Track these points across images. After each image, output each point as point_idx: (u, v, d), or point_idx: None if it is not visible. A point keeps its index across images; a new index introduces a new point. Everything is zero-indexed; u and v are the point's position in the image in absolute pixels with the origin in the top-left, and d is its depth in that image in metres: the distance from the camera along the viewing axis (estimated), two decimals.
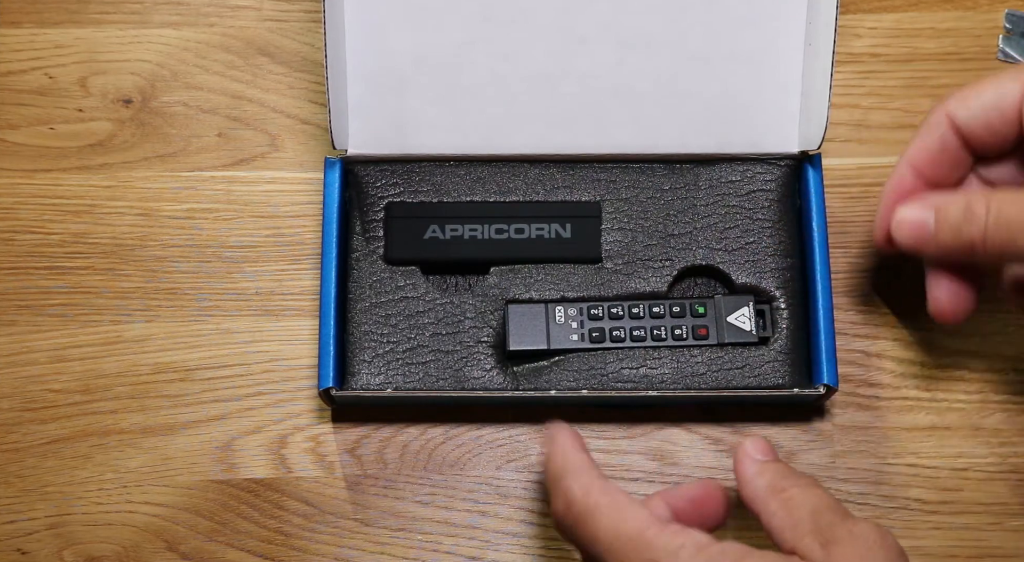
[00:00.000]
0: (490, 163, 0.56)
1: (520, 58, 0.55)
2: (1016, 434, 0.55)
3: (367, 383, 0.53)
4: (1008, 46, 0.61)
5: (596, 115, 0.56)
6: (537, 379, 0.53)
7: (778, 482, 0.45)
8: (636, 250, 0.55)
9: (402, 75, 0.55)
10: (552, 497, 0.46)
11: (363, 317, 0.54)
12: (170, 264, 0.57)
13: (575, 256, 0.55)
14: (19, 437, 0.55)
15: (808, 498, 0.44)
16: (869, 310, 0.57)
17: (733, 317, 0.54)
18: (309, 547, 0.53)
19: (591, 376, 0.53)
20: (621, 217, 0.56)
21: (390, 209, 0.55)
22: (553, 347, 0.53)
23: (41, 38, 0.61)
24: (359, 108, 0.55)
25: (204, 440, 0.55)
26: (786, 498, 0.44)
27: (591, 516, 0.44)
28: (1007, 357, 0.56)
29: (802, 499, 0.44)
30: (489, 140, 0.56)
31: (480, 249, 0.55)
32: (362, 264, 0.55)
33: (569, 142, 0.56)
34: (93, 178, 0.59)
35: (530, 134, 0.56)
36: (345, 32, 0.55)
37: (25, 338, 0.56)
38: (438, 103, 0.53)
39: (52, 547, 0.53)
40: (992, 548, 0.53)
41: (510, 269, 0.55)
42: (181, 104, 0.60)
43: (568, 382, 0.53)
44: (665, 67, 0.55)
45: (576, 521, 0.44)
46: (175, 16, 0.61)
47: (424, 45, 0.55)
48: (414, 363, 0.53)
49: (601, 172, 0.56)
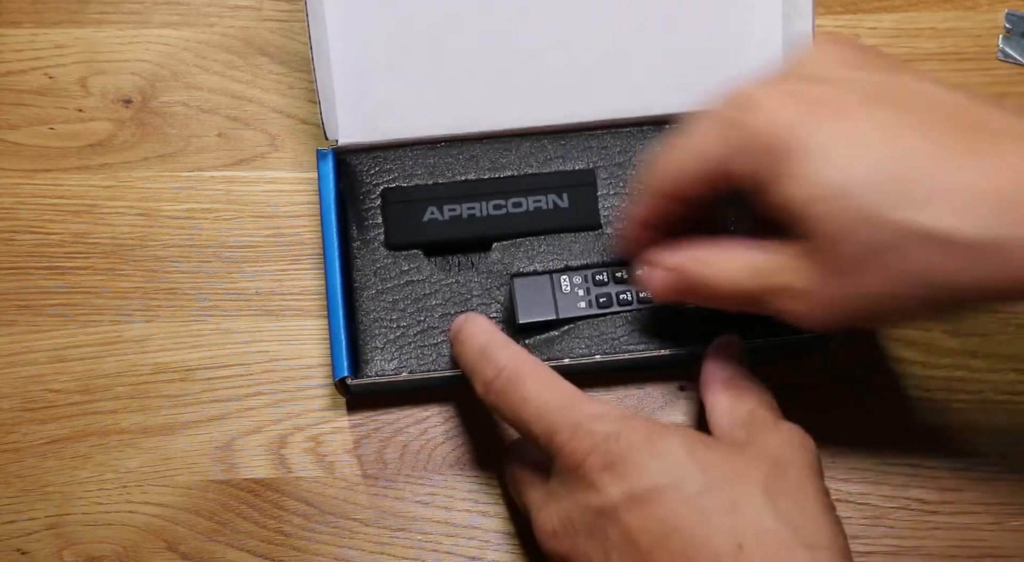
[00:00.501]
0: (481, 141, 0.57)
1: (502, 32, 0.55)
2: (1016, 434, 0.55)
3: (382, 369, 0.53)
4: (1008, 46, 0.61)
5: (582, 83, 0.56)
6: (549, 349, 0.53)
7: (738, 378, 0.49)
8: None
9: (386, 61, 0.56)
10: (478, 368, 0.47)
11: (371, 304, 0.54)
12: (170, 264, 0.57)
13: (574, 225, 0.55)
14: (19, 437, 0.55)
15: (757, 396, 0.48)
16: None
17: None
18: (309, 547, 0.53)
19: (602, 341, 0.53)
20: (616, 182, 0.56)
21: (387, 195, 0.56)
22: (562, 316, 0.53)
23: (41, 38, 0.61)
24: (347, 98, 0.56)
25: (204, 440, 0.55)
26: (737, 393, 0.48)
27: (521, 381, 0.46)
28: (1007, 357, 0.56)
29: (750, 395, 0.48)
30: (478, 118, 0.56)
31: (480, 226, 0.55)
32: (364, 252, 0.55)
33: (558, 112, 0.57)
34: (93, 178, 0.59)
35: (519, 108, 0.56)
36: (326, 23, 0.55)
37: (25, 338, 0.56)
38: (425, 86, 0.53)
39: (52, 547, 0.53)
40: (992, 548, 0.53)
41: (512, 243, 0.55)
42: (181, 104, 0.60)
43: (580, 349, 0.53)
44: (648, 29, 0.56)
45: (505, 386, 0.46)
46: (175, 16, 0.61)
47: (406, 28, 0.55)
48: (426, 345, 0.54)
49: (592, 140, 0.57)
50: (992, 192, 0.40)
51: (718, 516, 0.42)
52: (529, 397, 0.46)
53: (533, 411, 0.46)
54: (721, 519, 0.42)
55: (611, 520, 0.43)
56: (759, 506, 0.42)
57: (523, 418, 0.46)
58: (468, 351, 0.48)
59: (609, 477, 0.43)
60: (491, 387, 0.47)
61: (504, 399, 0.46)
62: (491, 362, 0.47)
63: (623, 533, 0.43)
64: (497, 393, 0.47)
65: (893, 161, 0.41)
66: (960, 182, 0.40)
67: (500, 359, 0.47)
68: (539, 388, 0.46)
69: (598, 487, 0.43)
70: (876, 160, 0.41)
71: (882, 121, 0.42)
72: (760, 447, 0.45)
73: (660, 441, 0.44)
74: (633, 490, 0.43)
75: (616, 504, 0.43)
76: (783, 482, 0.43)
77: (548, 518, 0.46)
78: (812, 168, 0.42)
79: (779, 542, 0.42)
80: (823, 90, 0.43)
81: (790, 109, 0.43)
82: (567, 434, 0.44)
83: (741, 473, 0.43)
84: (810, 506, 0.43)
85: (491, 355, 0.47)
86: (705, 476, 0.43)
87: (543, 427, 0.45)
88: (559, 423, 0.45)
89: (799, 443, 0.46)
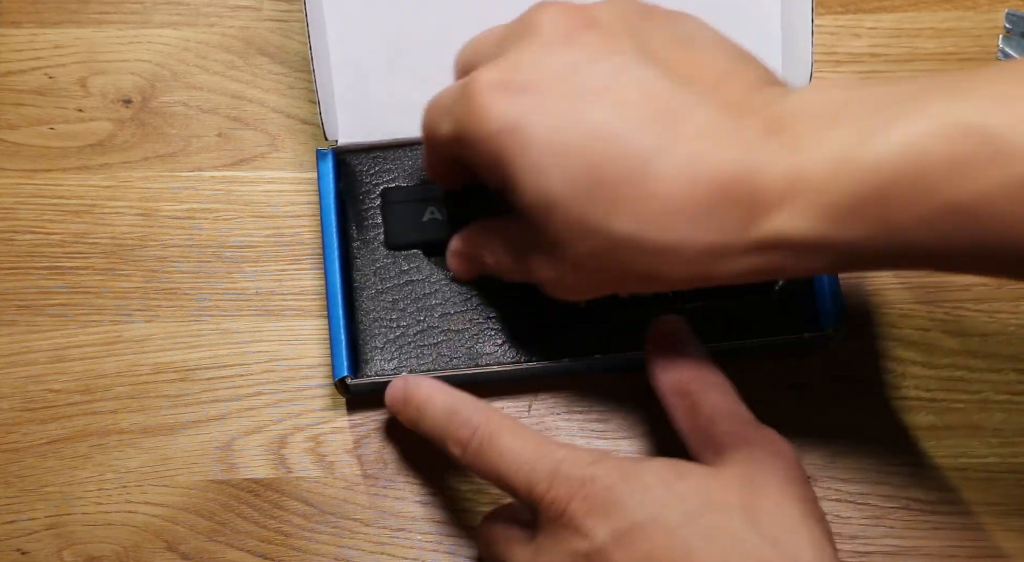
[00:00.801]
0: None
1: None
2: (1016, 434, 0.55)
3: (381, 369, 0.53)
4: (1008, 46, 0.61)
5: None
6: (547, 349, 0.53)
7: (685, 382, 0.47)
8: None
9: (386, 61, 0.56)
10: (451, 432, 0.47)
11: (370, 304, 0.54)
12: (170, 264, 0.57)
13: None
14: (19, 437, 0.55)
15: (711, 404, 0.46)
16: (868, 310, 0.57)
17: None
18: (309, 547, 0.53)
19: (599, 338, 0.53)
20: None
21: (386, 195, 0.55)
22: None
23: (41, 38, 0.61)
24: (346, 97, 0.56)
25: (204, 440, 0.55)
26: (690, 403, 0.47)
27: (496, 437, 0.46)
28: (1007, 357, 0.56)
29: (704, 404, 0.46)
30: None
31: None
32: (363, 252, 0.55)
33: None
34: (93, 178, 0.59)
35: None
36: (326, 23, 0.55)
37: (25, 338, 0.56)
38: (425, 85, 0.53)
39: (52, 547, 0.53)
40: (992, 548, 0.53)
41: None
42: (181, 104, 0.60)
43: (579, 348, 0.53)
44: None
45: (481, 444, 0.46)
46: (175, 16, 0.61)
47: (406, 28, 0.55)
48: (426, 345, 0.54)
49: None
50: (667, 195, 0.41)
51: (701, 545, 0.42)
52: (504, 452, 0.45)
53: (510, 465, 0.45)
54: (705, 548, 0.42)
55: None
56: (740, 531, 0.42)
57: (502, 473, 0.45)
58: (432, 416, 0.48)
59: (593, 521, 0.43)
60: (468, 448, 0.46)
61: (481, 458, 0.46)
62: (464, 424, 0.47)
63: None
64: (475, 453, 0.46)
65: (591, 169, 0.42)
66: (648, 189, 0.41)
67: (472, 418, 0.47)
68: (512, 441, 0.46)
69: (583, 531, 0.43)
70: (578, 165, 0.42)
71: (587, 114, 0.42)
72: (734, 466, 0.44)
73: (635, 478, 0.44)
74: (617, 528, 0.43)
75: (603, 546, 0.43)
76: (762, 501, 0.43)
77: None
78: (524, 180, 0.43)
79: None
80: (535, 73, 0.43)
81: (504, 106, 0.43)
82: (545, 484, 0.44)
83: (718, 500, 0.43)
84: (792, 521, 0.43)
85: (462, 416, 0.47)
86: (683, 506, 0.43)
87: (521, 480, 0.45)
88: (536, 473, 0.45)
89: (773, 452, 0.45)
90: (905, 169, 0.38)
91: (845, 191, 0.39)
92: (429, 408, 0.48)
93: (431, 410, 0.48)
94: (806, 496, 0.44)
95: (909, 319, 0.56)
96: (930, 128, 0.38)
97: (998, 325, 0.56)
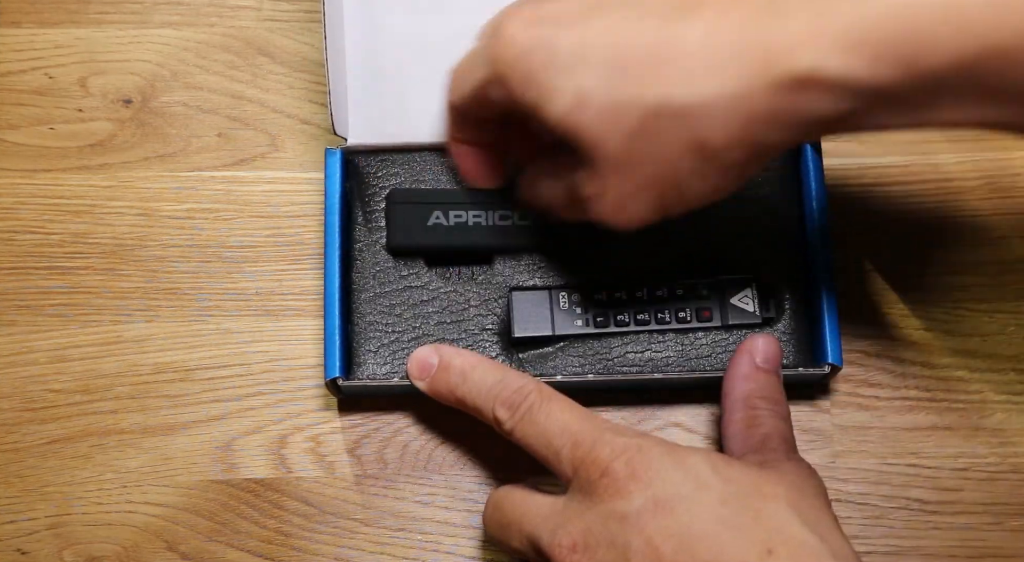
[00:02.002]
0: None
1: None
2: (1016, 434, 0.55)
3: (373, 373, 0.53)
4: None
5: None
6: (543, 365, 0.53)
7: (757, 397, 0.49)
8: (639, 234, 0.55)
9: (400, 64, 0.56)
10: (501, 395, 0.48)
11: (368, 307, 0.54)
12: (170, 264, 0.57)
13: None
14: (19, 437, 0.55)
15: (772, 425, 0.49)
16: (869, 310, 0.57)
17: (736, 298, 0.54)
18: (309, 547, 0.53)
19: (596, 361, 0.53)
20: None
21: (392, 196, 0.55)
22: (558, 333, 0.53)
23: (41, 38, 0.61)
24: (358, 98, 0.55)
25: (204, 440, 0.55)
26: (754, 415, 0.49)
27: (548, 403, 0.47)
28: (1007, 357, 0.56)
29: (766, 422, 0.49)
30: None
31: (484, 236, 0.54)
32: (365, 255, 0.55)
33: None
34: (93, 178, 0.59)
35: None
36: (344, 23, 0.55)
37: (25, 338, 0.56)
38: (437, 91, 0.53)
39: (52, 547, 0.53)
40: (992, 548, 0.53)
41: (513, 257, 0.55)
42: (181, 104, 0.60)
43: (574, 367, 0.53)
44: None
45: (531, 407, 0.47)
46: (175, 16, 0.61)
47: (422, 33, 0.55)
48: None
49: None
50: (689, 55, 0.42)
51: (745, 523, 0.42)
52: (553, 414, 0.47)
53: (557, 426, 0.46)
54: (749, 526, 0.42)
55: (634, 528, 0.43)
56: (786, 516, 0.43)
57: (548, 435, 0.46)
58: (480, 380, 0.49)
59: (634, 484, 0.43)
60: (518, 411, 0.47)
61: (529, 420, 0.47)
62: (517, 389, 0.48)
63: (646, 540, 0.42)
64: (523, 415, 0.47)
65: (617, 51, 0.43)
66: (671, 55, 0.42)
67: (526, 385, 0.48)
68: (561, 406, 0.47)
69: (623, 493, 0.43)
70: (603, 57, 0.43)
71: (606, 22, 0.44)
72: (775, 471, 0.46)
73: (681, 455, 0.44)
74: (657, 497, 0.43)
75: (639, 510, 0.43)
76: (803, 499, 0.44)
77: (567, 534, 0.44)
78: (555, 83, 0.44)
79: (808, 550, 0.42)
80: (555, 7, 0.45)
81: (530, 32, 0.45)
82: (589, 444, 0.45)
83: (763, 488, 0.44)
84: (830, 524, 0.44)
85: (514, 382, 0.48)
86: (729, 487, 0.43)
87: (566, 440, 0.46)
88: (582, 434, 0.45)
89: (808, 474, 0.47)
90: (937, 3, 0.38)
91: (872, 27, 0.39)
92: (476, 374, 0.49)
93: (478, 375, 0.49)
94: (836, 518, 0.45)
95: (909, 319, 0.56)
96: None
97: (998, 325, 0.56)
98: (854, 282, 0.57)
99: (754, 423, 0.49)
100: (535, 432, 0.47)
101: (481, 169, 0.54)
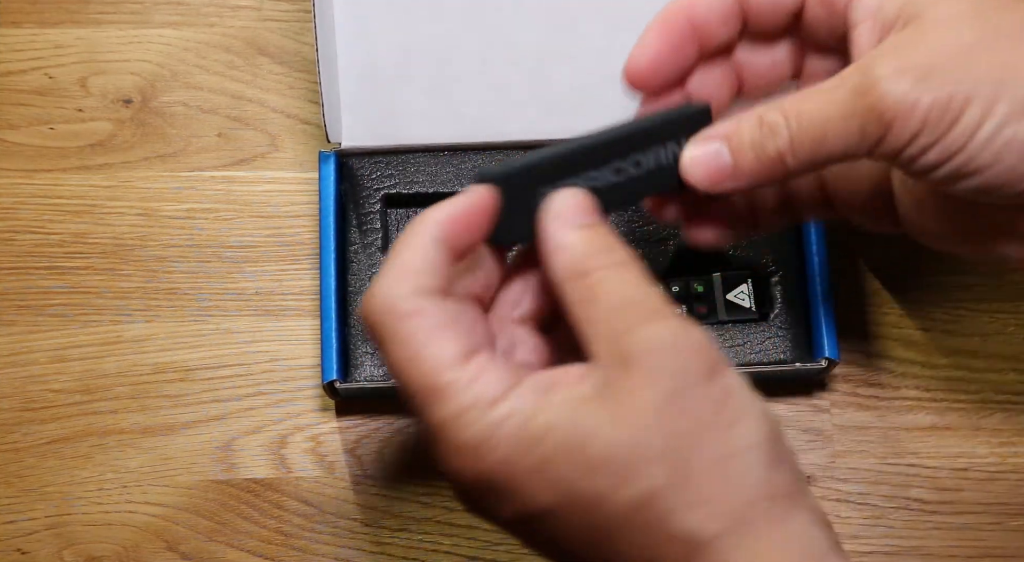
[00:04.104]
0: (484, 151, 0.56)
1: (510, 45, 0.55)
2: (1016, 434, 0.55)
3: (371, 375, 0.53)
4: None
5: (587, 99, 0.56)
6: None
7: (584, 261, 0.37)
8: (633, 231, 0.55)
9: (393, 67, 0.56)
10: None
11: None
12: (170, 264, 0.57)
13: None
14: (19, 437, 0.55)
15: (614, 287, 0.36)
16: (869, 310, 0.57)
17: (732, 294, 0.54)
18: (309, 547, 0.53)
19: None
20: None
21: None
22: None
23: (41, 38, 0.61)
24: (352, 101, 0.56)
25: (204, 440, 0.55)
26: (589, 284, 0.36)
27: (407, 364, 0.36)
28: (1007, 357, 0.56)
29: (607, 288, 0.36)
30: (482, 128, 0.56)
31: None
32: (360, 257, 0.55)
33: (561, 127, 0.56)
34: (93, 178, 0.59)
35: (523, 121, 0.56)
36: (335, 26, 0.55)
37: (25, 338, 0.56)
38: (430, 93, 0.53)
39: (52, 547, 0.53)
40: (992, 548, 0.53)
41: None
42: (181, 104, 0.60)
43: None
44: None
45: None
46: (175, 16, 0.61)
47: (414, 36, 0.55)
48: None
49: None
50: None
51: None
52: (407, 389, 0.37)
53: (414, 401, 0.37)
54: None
55: None
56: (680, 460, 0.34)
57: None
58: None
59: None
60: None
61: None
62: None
63: None
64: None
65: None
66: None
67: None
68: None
69: None
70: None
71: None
72: (644, 375, 0.35)
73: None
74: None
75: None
76: (680, 417, 0.35)
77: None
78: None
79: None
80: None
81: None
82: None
83: (642, 433, 0.34)
84: (707, 415, 0.35)
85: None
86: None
87: None
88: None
89: (678, 347, 0.35)
90: None
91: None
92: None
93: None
94: (722, 386, 0.36)
95: (909, 319, 0.56)
96: None
97: (998, 325, 0.56)
98: (853, 282, 0.57)
99: (593, 294, 0.36)
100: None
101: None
